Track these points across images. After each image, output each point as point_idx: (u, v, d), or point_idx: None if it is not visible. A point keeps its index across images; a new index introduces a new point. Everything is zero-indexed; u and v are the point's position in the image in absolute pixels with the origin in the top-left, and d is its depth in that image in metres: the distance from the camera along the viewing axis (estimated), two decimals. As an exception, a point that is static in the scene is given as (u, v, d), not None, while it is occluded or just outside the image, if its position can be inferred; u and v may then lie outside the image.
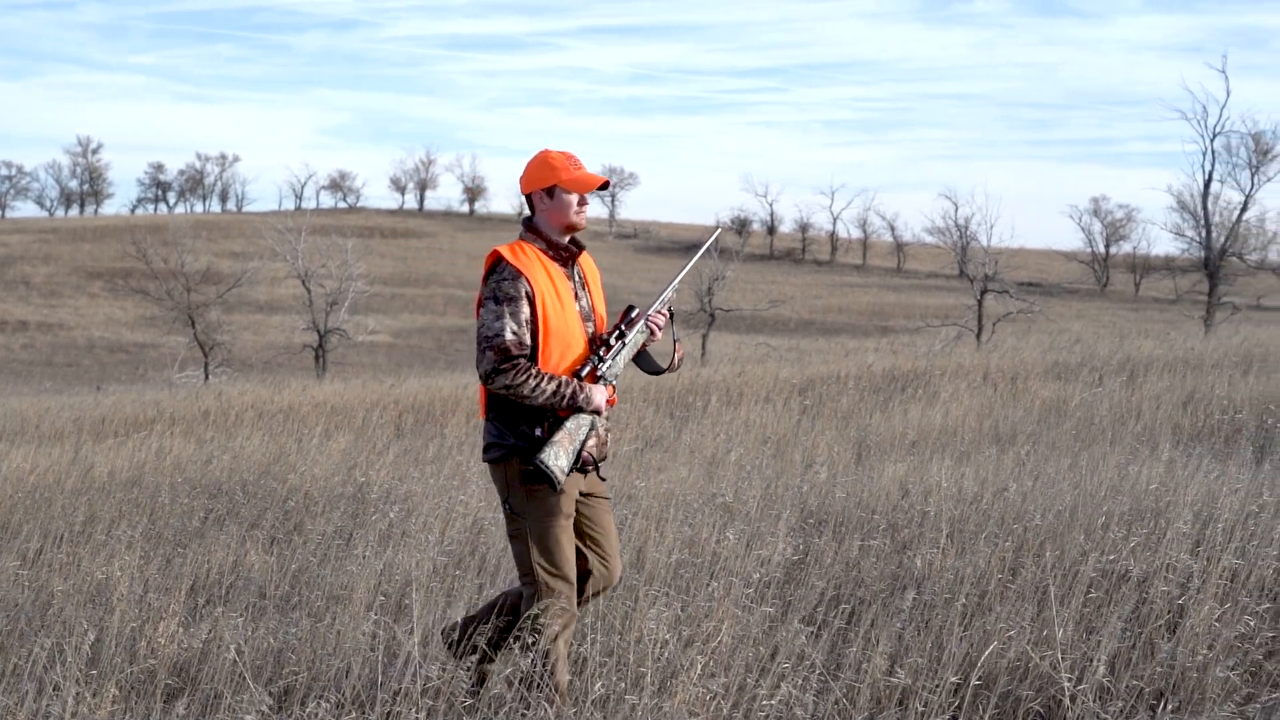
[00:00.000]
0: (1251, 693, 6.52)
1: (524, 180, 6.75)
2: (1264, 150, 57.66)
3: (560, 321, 6.51)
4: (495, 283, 6.48)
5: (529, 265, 6.51)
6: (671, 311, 7.05)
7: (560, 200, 6.64)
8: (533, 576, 6.50)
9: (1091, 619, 7.38)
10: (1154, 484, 10.31)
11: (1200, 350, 25.09)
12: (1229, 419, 15.64)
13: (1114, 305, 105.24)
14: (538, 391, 6.34)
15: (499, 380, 6.32)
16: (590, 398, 6.49)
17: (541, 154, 6.75)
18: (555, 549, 6.50)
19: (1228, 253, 56.97)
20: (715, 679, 6.50)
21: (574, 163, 6.70)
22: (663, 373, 7.02)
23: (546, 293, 6.49)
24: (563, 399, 6.40)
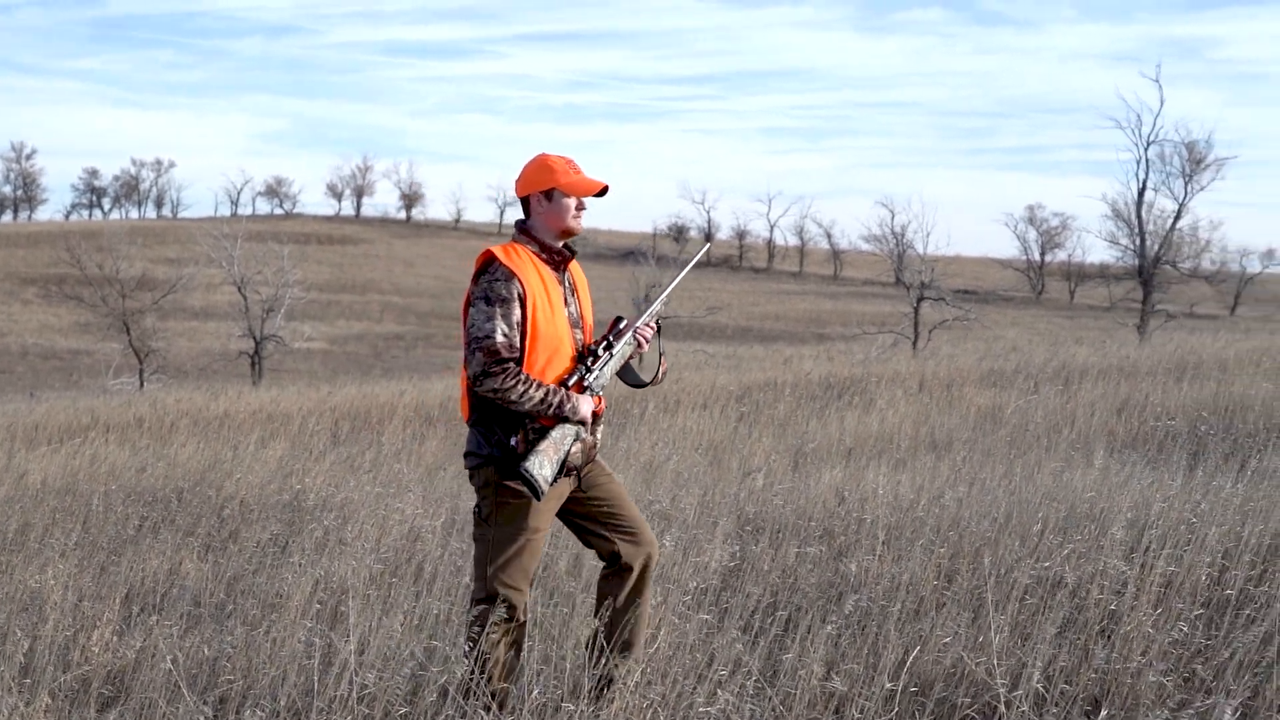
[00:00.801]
0: (1185, 698, 6.55)
1: (521, 183, 6.69)
2: (1197, 159, 57.98)
3: (549, 326, 6.46)
4: (487, 283, 6.41)
5: (522, 267, 6.45)
6: (659, 324, 7.01)
7: (558, 203, 6.59)
8: (485, 582, 6.46)
9: (1027, 625, 7.41)
10: (1088, 491, 10.36)
11: (1134, 358, 25.25)
12: (1163, 426, 15.73)
13: (1049, 313, 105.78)
14: (525, 398, 6.29)
15: (487, 383, 6.27)
16: (577, 407, 6.44)
17: (540, 157, 6.69)
18: (513, 561, 6.45)
19: (1161, 261, 57.28)
20: (653, 687, 6.50)
21: (573, 167, 6.67)
22: (645, 386, 6.98)
23: (538, 295, 6.43)
24: (550, 407, 6.35)
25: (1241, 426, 15.39)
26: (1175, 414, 16.45)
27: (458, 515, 11.20)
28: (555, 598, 8.32)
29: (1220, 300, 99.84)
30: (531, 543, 6.50)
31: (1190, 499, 9.81)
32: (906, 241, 65.27)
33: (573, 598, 8.08)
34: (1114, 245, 62.17)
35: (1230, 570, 8.15)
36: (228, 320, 67.97)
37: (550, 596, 8.40)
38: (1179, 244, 61.20)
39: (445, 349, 78.82)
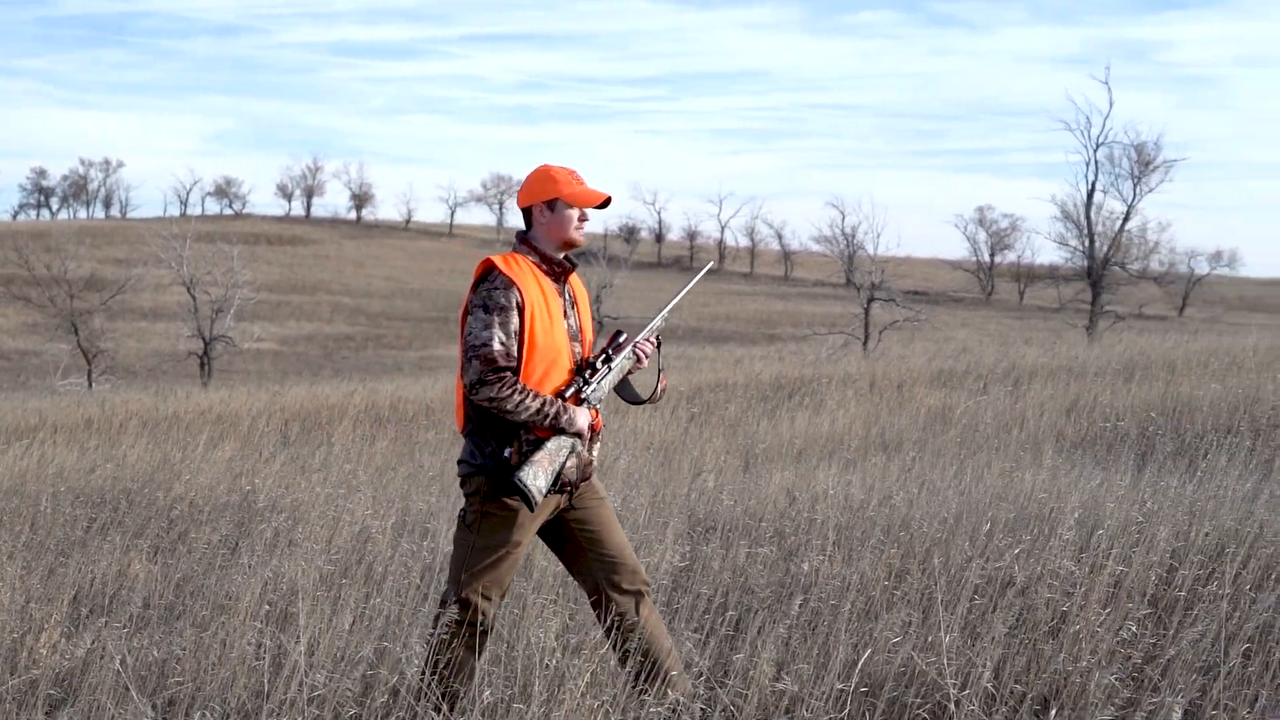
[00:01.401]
0: (1133, 697, 6.57)
1: (523, 194, 6.64)
2: (1146, 161, 58.27)
3: (547, 337, 6.41)
4: (486, 291, 6.35)
5: (521, 276, 6.40)
6: (659, 340, 6.95)
7: (561, 214, 6.53)
8: (457, 586, 6.43)
9: (976, 625, 7.43)
10: (1038, 491, 10.40)
11: (1083, 358, 25.35)
12: (1111, 426, 15.80)
13: (999, 314, 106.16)
14: (521, 408, 6.24)
15: (483, 391, 6.22)
16: (573, 419, 6.37)
17: (543, 168, 6.63)
18: (488, 571, 6.42)
19: (1110, 262, 57.56)
20: (604, 688, 6.49)
21: (576, 177, 6.61)
22: (644, 403, 6.95)
23: (537, 306, 6.38)
24: (546, 418, 6.29)
25: (1190, 427, 15.47)
26: (1124, 414, 16.52)
27: (408, 516, 11.19)
28: (505, 598, 8.29)
29: (1169, 301, 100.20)
30: (510, 556, 6.46)
31: (1139, 499, 9.86)
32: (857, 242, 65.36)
33: (523, 598, 8.07)
34: (1063, 246, 62.46)
35: (1179, 570, 8.19)
36: (177, 321, 67.58)
37: (500, 597, 8.38)
38: (1128, 245, 61.51)
39: (395, 349, 78.71)
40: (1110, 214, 59.28)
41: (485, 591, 6.44)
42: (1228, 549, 8.44)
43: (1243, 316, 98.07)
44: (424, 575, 8.96)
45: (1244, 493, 10.00)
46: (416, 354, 75.86)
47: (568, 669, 6.62)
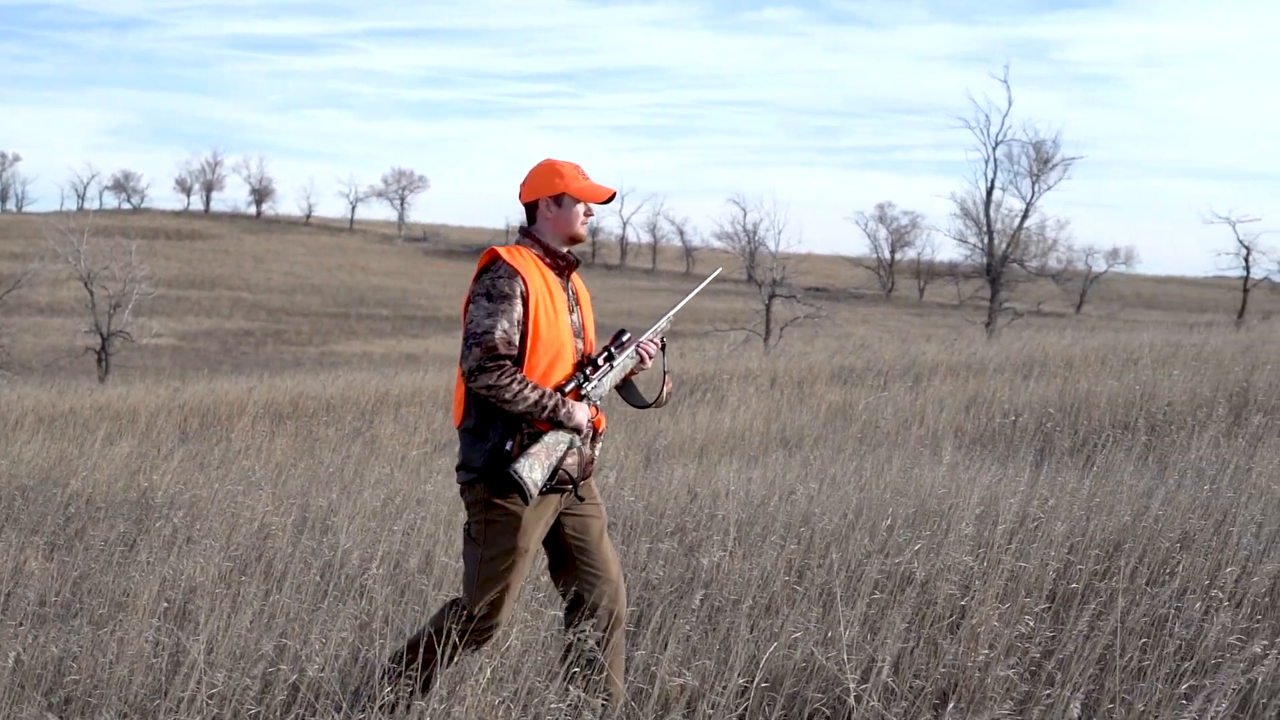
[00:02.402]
0: (1030, 691, 6.62)
1: (527, 188, 6.57)
2: (1044, 159, 58.75)
3: (551, 329, 6.34)
4: (490, 280, 6.29)
5: (526, 266, 6.33)
6: (664, 342, 6.91)
7: (568, 209, 6.49)
8: (470, 600, 6.34)
9: (876, 620, 7.46)
10: (937, 487, 10.47)
11: (982, 355, 25.52)
12: (1010, 423, 15.92)
13: (899, 310, 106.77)
14: (519, 398, 6.15)
15: (482, 379, 6.13)
16: (572, 414, 6.29)
17: (547, 162, 6.58)
18: (499, 582, 6.32)
19: (1009, 259, 57.99)
20: (505, 684, 6.49)
21: (581, 172, 6.56)
22: (648, 406, 6.88)
23: (541, 296, 6.31)
24: (544, 410, 6.21)
25: (1087, 423, 15.62)
26: (1022, 411, 16.65)
27: (308, 513, 11.13)
28: (406, 595, 8.28)
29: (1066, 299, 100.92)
30: (518, 564, 6.36)
31: (1037, 494, 9.93)
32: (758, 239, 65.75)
33: (424, 595, 8.05)
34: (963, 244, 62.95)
35: (1075, 564, 8.26)
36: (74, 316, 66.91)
37: (401, 594, 8.37)
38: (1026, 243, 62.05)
39: (295, 345, 78.32)
40: (1009, 211, 59.77)
41: (498, 602, 6.35)
42: (1123, 544, 8.52)
43: (1139, 314, 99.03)
44: (324, 572, 8.92)
45: (1140, 488, 10.09)
46: (317, 350, 75.51)
47: (469, 665, 6.61)
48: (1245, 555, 8.17)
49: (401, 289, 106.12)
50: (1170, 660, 6.78)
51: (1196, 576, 7.85)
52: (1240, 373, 17.93)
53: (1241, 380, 17.25)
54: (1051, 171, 58.85)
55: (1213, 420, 14.29)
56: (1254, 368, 18.27)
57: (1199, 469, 11.11)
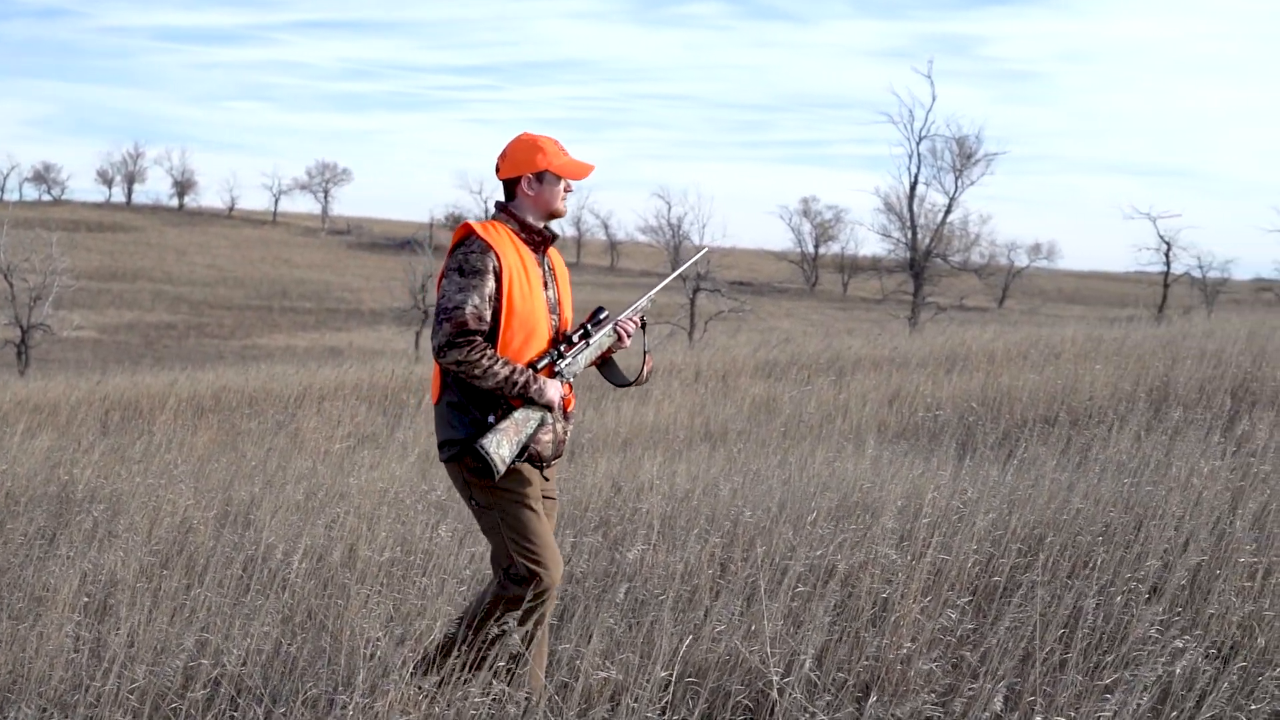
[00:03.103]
0: (953, 684, 6.65)
1: (507, 164, 6.49)
2: (967, 154, 59.14)
3: (526, 304, 6.27)
4: (462, 254, 6.21)
5: (500, 242, 6.27)
6: (644, 321, 6.84)
7: (550, 186, 6.45)
8: (514, 568, 6.28)
9: (799, 613, 7.48)
10: (861, 480, 10.50)
11: (905, 349, 25.61)
12: (933, 416, 15.99)
13: (823, 304, 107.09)
14: (489, 374, 6.09)
15: (451, 354, 6.07)
16: (543, 390, 6.24)
17: (527, 138, 6.51)
18: (532, 534, 6.28)
19: (932, 254, 58.36)
20: (428, 677, 6.47)
21: (561, 148, 6.53)
22: (630, 385, 6.80)
23: (515, 271, 6.25)
24: (515, 386, 6.15)
25: (1009, 417, 15.70)
26: (945, 405, 16.74)
27: (230, 507, 11.08)
28: (329, 589, 8.25)
29: (989, 293, 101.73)
30: (538, 510, 6.34)
31: (959, 488, 9.98)
32: (683, 233, 65.79)
33: (346, 589, 8.02)
34: (886, 238, 63.35)
35: (997, 558, 8.30)
36: (-7, 309, 66.50)
37: (324, 588, 8.33)
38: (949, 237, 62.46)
39: (218, 338, 77.93)
40: (932, 206, 60.18)
41: (542, 557, 6.30)
42: (1045, 537, 8.58)
43: (1061, 308, 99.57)
44: (246, 566, 8.87)
45: (1062, 482, 10.15)
46: (239, 343, 75.17)
47: (392, 659, 6.59)
48: (1165, 549, 8.23)
49: (325, 282, 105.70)
50: (1091, 653, 6.83)
51: (1117, 569, 7.90)
52: (1161, 367, 18.06)
53: (1162, 375, 17.38)
54: (974, 167, 59.30)
55: (1134, 414, 14.38)
56: (1174, 362, 18.40)
57: (1120, 463, 11.19)
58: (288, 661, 7.06)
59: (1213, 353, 18.95)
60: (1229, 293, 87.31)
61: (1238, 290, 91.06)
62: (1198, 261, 79.08)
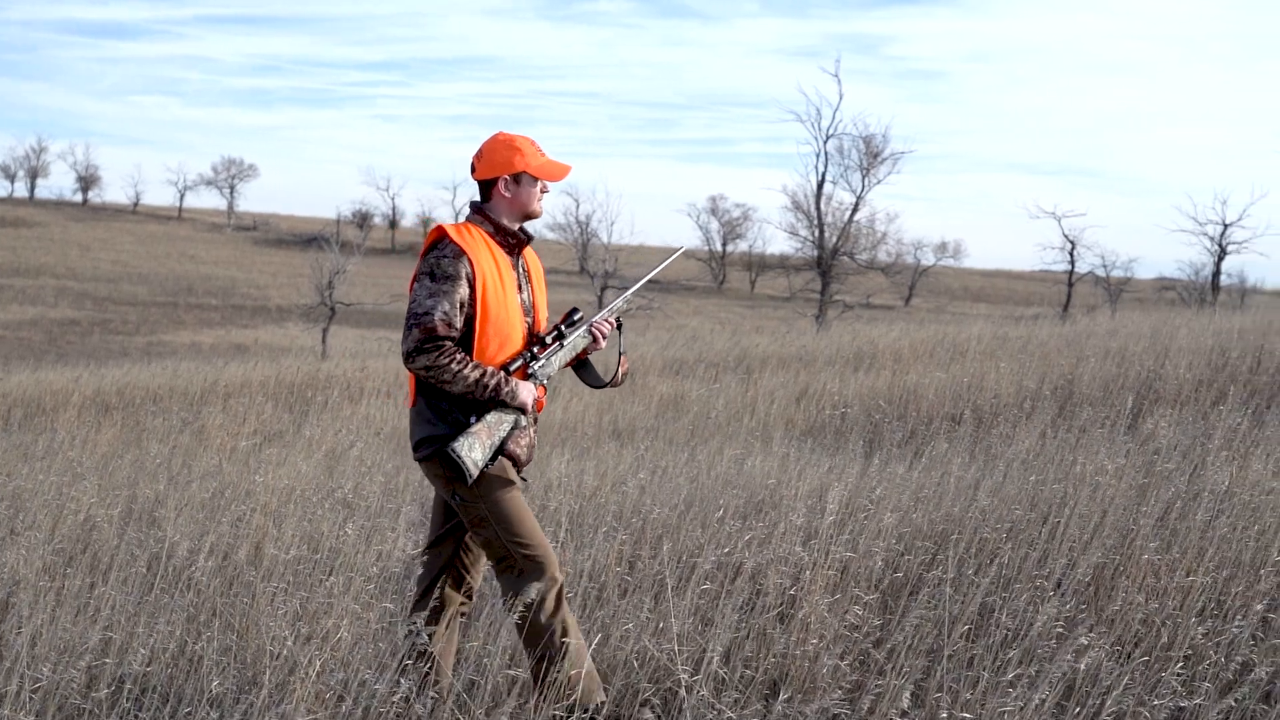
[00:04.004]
0: (860, 680, 6.68)
1: (484, 165, 6.40)
2: (874, 153, 59.31)
3: (500, 309, 6.20)
4: (434, 259, 6.12)
5: (473, 246, 6.18)
6: (620, 322, 6.76)
7: (526, 188, 6.36)
8: (510, 559, 6.22)
9: (707, 611, 7.49)
10: (768, 478, 10.53)
11: (813, 347, 25.71)
12: (840, 414, 16.05)
13: (730, 302, 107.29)
14: (459, 377, 6.02)
15: (420, 360, 5.98)
16: (515, 392, 6.18)
17: (504, 139, 6.43)
18: (518, 519, 6.21)
19: (839, 252, 58.52)
20: (335, 676, 6.44)
21: (538, 148, 6.45)
22: (605, 386, 6.78)
23: (489, 276, 6.17)
24: (485, 389, 6.08)
25: (915, 414, 15.78)
26: (852, 402, 16.81)
27: (135, 504, 10.99)
28: (235, 587, 8.19)
29: (896, 291, 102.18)
30: (520, 498, 6.29)
31: (866, 485, 10.02)
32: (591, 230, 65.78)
33: (253, 587, 7.97)
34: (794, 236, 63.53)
35: (904, 555, 8.34)
36: (-107, 304, 65.79)
37: (230, 586, 8.28)
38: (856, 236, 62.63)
39: (122, 334, 77.26)
40: (840, 205, 60.32)
41: (534, 541, 6.25)
42: (952, 534, 8.62)
43: (966, 306, 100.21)
44: (151, 564, 8.80)
45: (967, 479, 10.21)
46: (144, 339, 74.55)
47: (299, 657, 6.55)
48: (1070, 546, 8.29)
49: (230, 278, 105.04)
50: (997, 649, 6.87)
51: (1023, 566, 7.96)
52: (1065, 365, 18.20)
53: (1066, 373, 17.52)
54: (881, 165, 59.45)
55: (1039, 412, 14.49)
56: (1079, 360, 18.55)
57: (1025, 460, 11.27)
58: (193, 660, 7.01)
59: (1116, 351, 19.11)
60: (1132, 291, 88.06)
61: (1141, 289, 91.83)
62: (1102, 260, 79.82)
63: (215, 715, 6.23)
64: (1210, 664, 6.76)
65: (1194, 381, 15.99)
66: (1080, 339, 22.39)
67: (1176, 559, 8.00)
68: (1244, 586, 7.65)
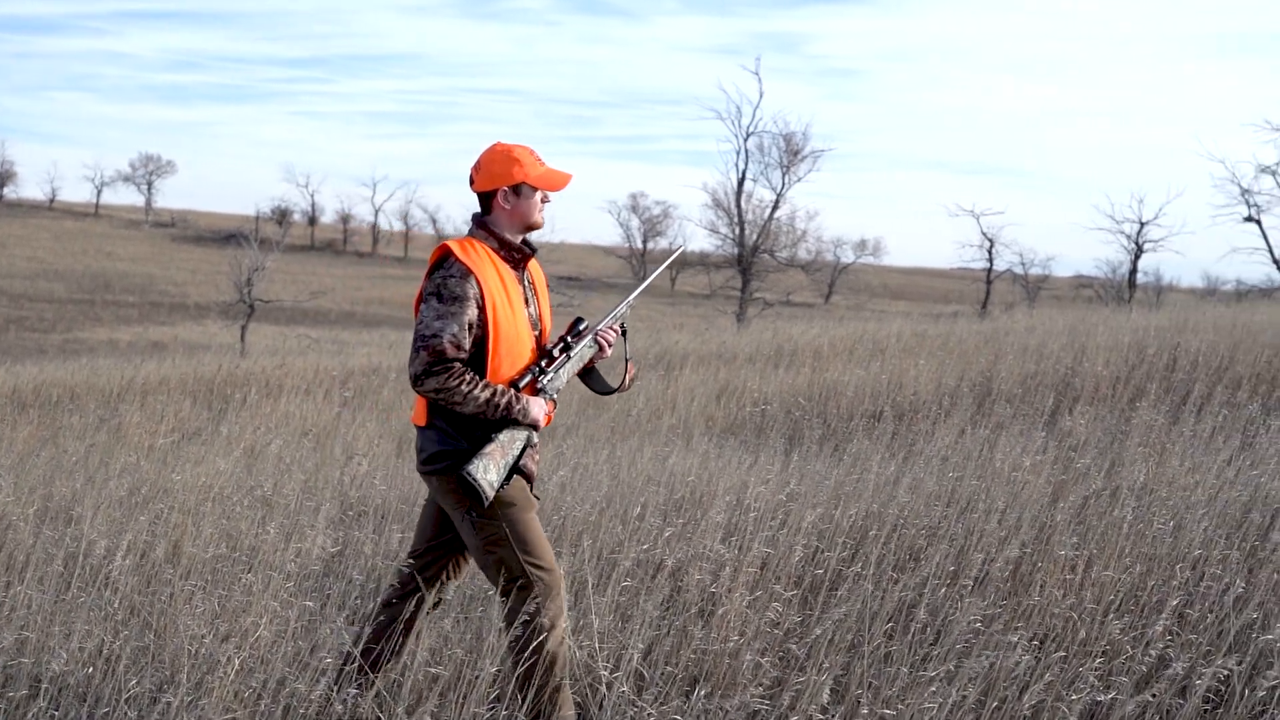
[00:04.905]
0: (780, 676, 6.70)
1: (483, 177, 6.28)
2: (794, 150, 59.57)
3: (510, 327, 6.10)
4: (441, 279, 6.00)
5: (480, 264, 6.06)
6: (624, 328, 6.70)
7: (527, 199, 6.24)
8: (525, 578, 6.10)
9: (628, 608, 7.49)
10: (689, 475, 10.54)
11: (733, 345, 25.75)
12: (760, 411, 16.08)
13: (651, 299, 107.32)
14: (470, 398, 5.92)
15: (429, 383, 5.88)
16: (527, 410, 6.09)
17: (503, 149, 6.31)
18: (535, 540, 6.14)
19: (760, 250, 58.72)
20: (254, 675, 6.40)
21: (537, 158, 6.32)
22: (613, 392, 6.67)
23: (497, 295, 6.06)
24: (497, 408, 5.99)
25: (835, 412, 15.84)
26: (772, 400, 16.84)
27: (51, 503, 10.90)
28: (153, 585, 8.14)
29: (816, 289, 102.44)
30: (535, 519, 6.23)
31: (785, 482, 10.04)
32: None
33: (171, 585, 7.92)
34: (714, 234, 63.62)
35: (823, 551, 8.36)
36: None
37: (148, 584, 8.23)
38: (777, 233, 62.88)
39: (38, 332, 76.61)
40: (760, 202, 60.56)
41: (548, 562, 6.18)
42: (871, 531, 8.65)
43: (886, 304, 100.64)
44: (67, 563, 8.73)
45: (887, 476, 10.25)
46: (60, 337, 73.95)
47: (218, 656, 6.52)
48: (988, 542, 8.33)
49: (148, 275, 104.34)
50: (917, 645, 6.90)
51: (942, 562, 7.99)
52: (984, 363, 18.31)
53: (985, 370, 17.62)
54: (801, 163, 59.72)
55: (957, 409, 14.57)
56: (997, 358, 18.66)
57: (944, 457, 11.32)
58: (110, 660, 6.95)
59: (1035, 348, 19.23)
60: (1050, 289, 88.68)
61: (1059, 286, 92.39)
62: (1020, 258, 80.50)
63: (133, 715, 6.19)
64: (1127, 659, 6.82)
65: (1111, 379, 16.11)
66: (999, 336, 22.51)
67: (1094, 554, 8.06)
68: (1160, 582, 7.71)
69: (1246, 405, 13.73)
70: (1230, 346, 17.18)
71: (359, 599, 7.96)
